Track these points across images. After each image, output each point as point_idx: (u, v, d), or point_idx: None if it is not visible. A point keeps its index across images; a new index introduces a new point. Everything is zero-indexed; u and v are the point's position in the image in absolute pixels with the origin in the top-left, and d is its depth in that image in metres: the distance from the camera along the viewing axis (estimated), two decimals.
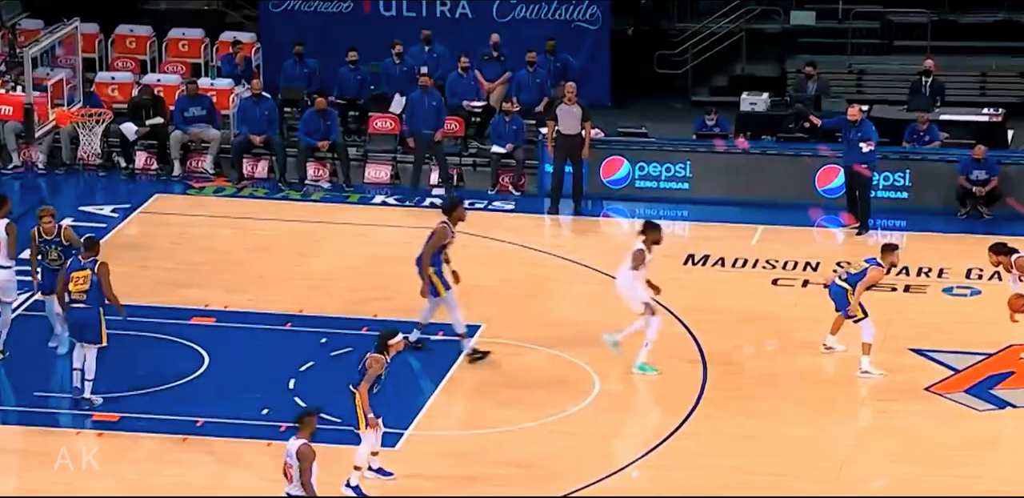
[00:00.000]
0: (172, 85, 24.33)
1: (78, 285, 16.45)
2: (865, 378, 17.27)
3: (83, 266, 16.52)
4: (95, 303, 16.45)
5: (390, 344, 15.14)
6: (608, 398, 17.19)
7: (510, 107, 23.35)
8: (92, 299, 16.42)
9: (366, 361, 15.14)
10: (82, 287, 16.44)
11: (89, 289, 16.41)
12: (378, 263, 20.43)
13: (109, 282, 16.55)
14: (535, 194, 22.93)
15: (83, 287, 16.44)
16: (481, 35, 24.72)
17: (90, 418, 16.48)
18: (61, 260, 16.82)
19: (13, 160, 23.30)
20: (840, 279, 17.40)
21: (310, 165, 23.25)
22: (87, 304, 16.42)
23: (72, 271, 16.54)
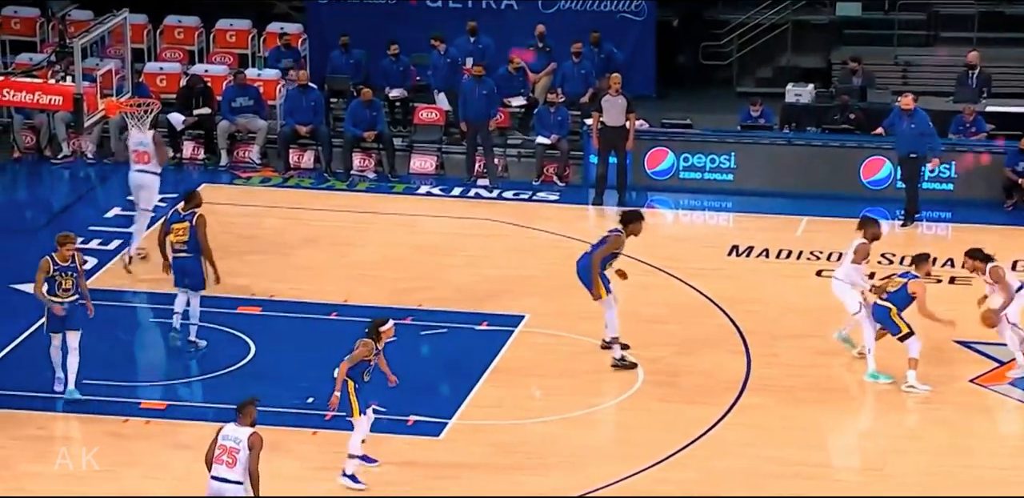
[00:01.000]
0: (220, 75, 24.42)
1: (178, 236, 17.54)
2: (911, 392, 17.09)
3: (183, 218, 17.54)
4: (195, 252, 17.45)
5: (381, 331, 15.23)
6: (651, 388, 17.18)
7: (555, 98, 23.34)
8: (192, 248, 17.45)
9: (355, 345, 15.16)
10: (182, 238, 17.52)
11: (188, 239, 17.46)
12: (423, 253, 20.46)
13: (205, 234, 17.48)
14: (579, 185, 22.93)
15: (183, 238, 17.52)
16: (526, 26, 24.71)
17: (138, 406, 16.58)
18: (73, 290, 16.31)
19: (63, 150, 23.46)
20: (881, 299, 17.19)
21: (356, 155, 23.32)
22: (188, 253, 17.48)
23: (172, 223, 17.59)
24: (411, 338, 18.11)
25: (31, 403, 16.50)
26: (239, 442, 13.59)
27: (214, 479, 13.66)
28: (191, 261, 17.52)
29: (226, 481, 13.61)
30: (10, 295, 18.99)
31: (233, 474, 13.59)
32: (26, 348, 17.75)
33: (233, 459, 13.57)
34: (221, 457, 13.60)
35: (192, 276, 17.53)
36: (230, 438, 13.64)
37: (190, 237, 17.46)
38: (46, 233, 20.91)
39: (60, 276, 16.30)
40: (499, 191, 22.67)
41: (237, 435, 13.63)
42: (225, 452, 13.58)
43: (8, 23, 25.58)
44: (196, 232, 17.45)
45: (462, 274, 19.83)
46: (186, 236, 17.48)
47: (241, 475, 13.61)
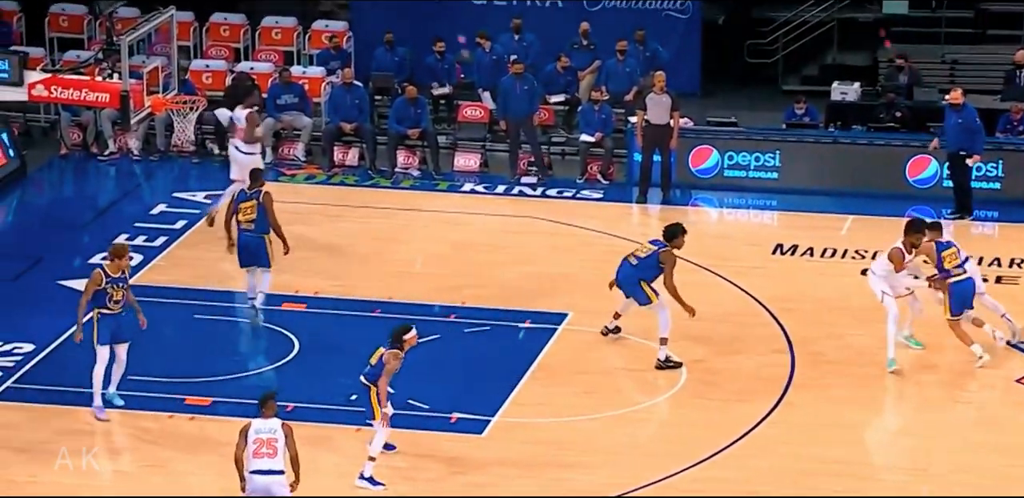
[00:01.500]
0: (265, 73, 24.54)
1: (246, 214, 18.13)
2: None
3: (249, 197, 18.13)
4: (262, 230, 18.03)
5: (405, 339, 15.33)
6: (694, 386, 17.20)
7: (599, 96, 23.36)
8: (259, 227, 18.04)
9: (383, 357, 15.23)
10: (250, 216, 18.11)
11: (256, 218, 18.03)
12: (467, 250, 20.53)
13: (273, 211, 18.05)
14: (623, 183, 22.94)
15: (251, 216, 18.11)
16: (571, 23, 24.73)
17: (182, 402, 16.70)
18: (122, 301, 16.30)
19: (109, 147, 23.61)
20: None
21: (400, 153, 23.39)
22: (255, 232, 18.05)
23: (240, 202, 18.18)
24: (454, 335, 18.19)
25: (77, 398, 16.64)
26: (275, 432, 13.82)
27: (257, 473, 13.79)
28: (258, 239, 18.09)
29: (271, 473, 13.77)
30: (57, 291, 19.15)
31: (276, 464, 13.82)
32: (71, 344, 17.88)
33: (273, 449, 13.77)
34: (260, 451, 13.76)
35: (260, 256, 18.11)
36: (264, 431, 13.86)
37: (258, 215, 18.07)
38: (92, 229, 21.12)
39: (111, 288, 16.19)
40: (543, 189, 22.72)
41: (270, 426, 13.87)
42: (263, 445, 13.77)
43: (56, 21, 25.77)
44: (264, 209, 18.03)
45: (505, 272, 19.88)
46: (254, 214, 18.09)
47: (284, 463, 13.78)
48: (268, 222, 18.14)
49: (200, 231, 20.99)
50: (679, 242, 17.66)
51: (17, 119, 23.97)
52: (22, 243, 20.72)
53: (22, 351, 17.67)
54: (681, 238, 17.66)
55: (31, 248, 20.36)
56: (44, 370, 17.28)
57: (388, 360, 15.21)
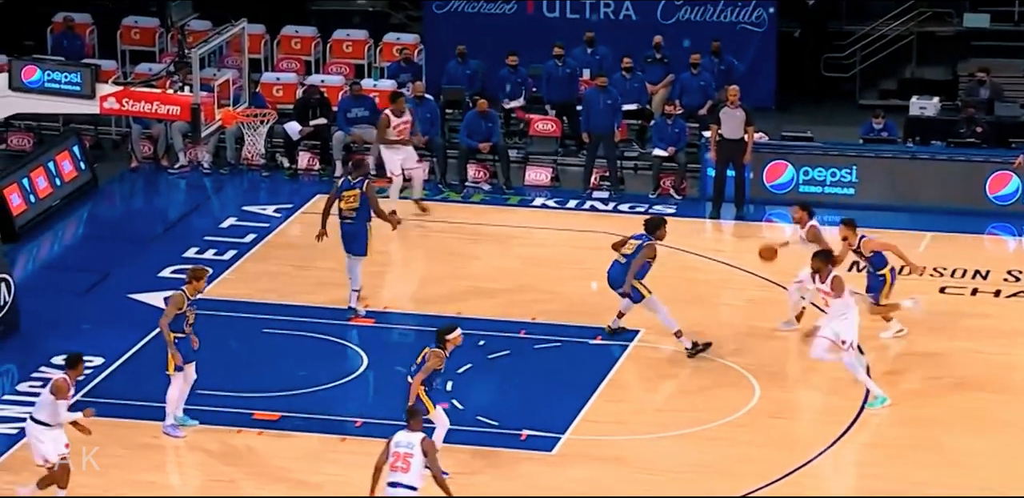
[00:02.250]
0: (336, 86, 24.68)
1: (348, 203, 18.49)
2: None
3: (352, 186, 18.43)
4: (362, 219, 18.45)
5: (448, 339, 15.56)
6: (768, 405, 17.13)
7: (672, 110, 23.35)
8: (360, 215, 18.45)
9: (425, 355, 15.48)
10: (352, 205, 18.49)
11: (358, 206, 18.42)
12: (537, 265, 20.54)
13: (376, 199, 18.51)
14: (696, 198, 22.90)
15: (353, 205, 18.48)
16: (645, 37, 24.73)
17: (250, 416, 16.80)
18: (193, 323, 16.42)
19: (179, 160, 23.81)
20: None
21: (470, 167, 23.46)
22: (355, 220, 18.49)
23: (343, 190, 18.45)
24: (524, 352, 18.21)
25: (145, 412, 16.77)
26: (412, 447, 13.91)
27: (390, 486, 13.89)
28: (358, 227, 18.56)
29: (401, 486, 13.87)
30: (126, 305, 19.33)
31: (407, 479, 13.87)
32: (140, 357, 18.06)
33: (407, 464, 13.86)
34: (395, 464, 13.88)
35: (357, 242, 18.56)
36: (403, 444, 13.95)
37: (360, 204, 18.46)
38: (162, 243, 21.29)
39: (189, 311, 16.26)
40: (615, 204, 22.72)
41: (410, 440, 13.96)
42: (399, 458, 13.88)
43: (128, 33, 26.05)
44: (367, 198, 18.43)
45: (576, 287, 19.88)
46: (356, 203, 18.48)
47: (416, 480, 13.87)
48: (370, 211, 18.53)
49: (270, 245, 21.13)
50: (661, 233, 18.06)
51: (88, 132, 24.23)
52: (92, 256, 20.93)
53: (92, 364, 17.82)
54: (663, 229, 18.06)
55: (101, 261, 20.56)
56: (113, 384, 17.42)
57: (429, 357, 15.46)
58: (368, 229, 18.64)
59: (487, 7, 25.29)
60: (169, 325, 16.17)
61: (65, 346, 18.05)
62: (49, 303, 19.27)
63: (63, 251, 21.59)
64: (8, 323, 18.37)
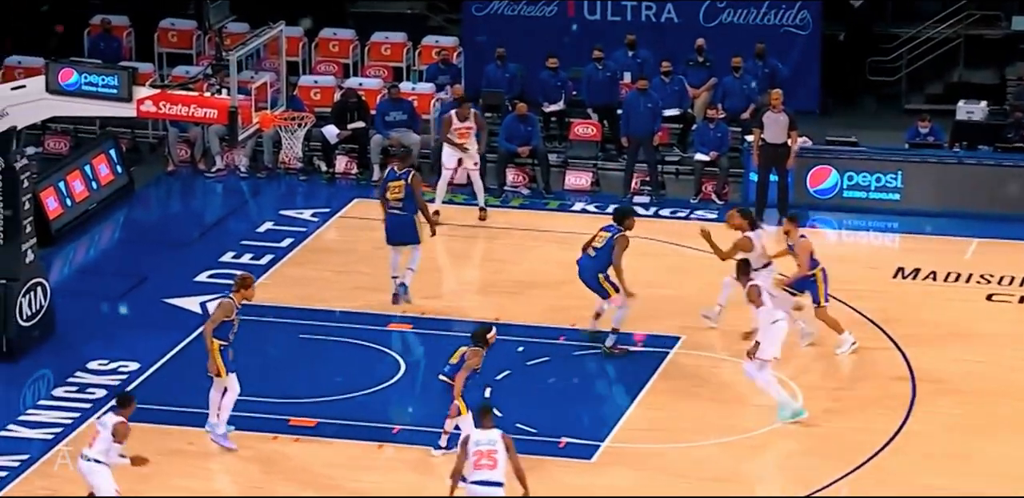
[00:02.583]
0: (374, 89, 24.74)
1: (394, 194, 18.91)
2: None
3: (399, 176, 18.83)
4: (411, 209, 18.88)
5: (487, 338, 15.95)
6: (811, 414, 17.08)
7: (715, 114, 23.33)
8: (408, 206, 18.85)
9: (464, 354, 15.80)
10: (398, 195, 18.89)
11: (404, 197, 18.83)
12: (576, 271, 20.51)
13: (419, 192, 18.90)
14: (738, 203, 22.84)
15: (399, 195, 18.88)
16: (687, 39, 24.70)
17: (287, 423, 16.85)
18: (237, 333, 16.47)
19: (216, 163, 23.88)
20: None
21: (509, 171, 23.47)
22: (403, 210, 18.87)
23: (388, 181, 18.92)
24: (564, 358, 18.22)
25: (181, 418, 16.86)
26: (494, 443, 14.06)
27: (477, 484, 14.01)
28: (407, 217, 18.96)
29: (491, 484, 13.99)
30: (162, 309, 19.42)
31: (496, 475, 14.03)
32: (177, 363, 18.15)
33: (493, 461, 14.02)
34: (480, 462, 14.01)
35: (408, 232, 19.02)
36: (483, 442, 14.11)
37: (406, 194, 18.86)
38: (198, 247, 21.38)
39: (236, 319, 16.30)
40: (656, 209, 22.71)
41: (489, 438, 14.12)
42: (483, 456, 14.02)
43: (165, 36, 26.15)
44: (412, 190, 18.80)
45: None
46: (402, 193, 18.89)
47: (503, 476, 14.01)
48: (415, 202, 18.93)
49: (307, 249, 21.20)
50: (630, 223, 18.18)
51: (125, 135, 24.33)
52: (128, 261, 21.03)
53: (127, 369, 17.94)
54: (632, 219, 18.19)
55: (137, 266, 20.66)
56: (149, 389, 17.50)
57: (470, 356, 15.76)
58: (416, 219, 19.03)
59: (527, 9, 25.30)
60: (214, 332, 16.15)
61: (101, 351, 18.20)
62: (85, 307, 19.38)
63: (99, 255, 21.70)
64: (44, 327, 18.49)
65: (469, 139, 22.00)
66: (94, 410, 17.07)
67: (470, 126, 22.06)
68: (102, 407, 17.09)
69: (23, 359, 18.11)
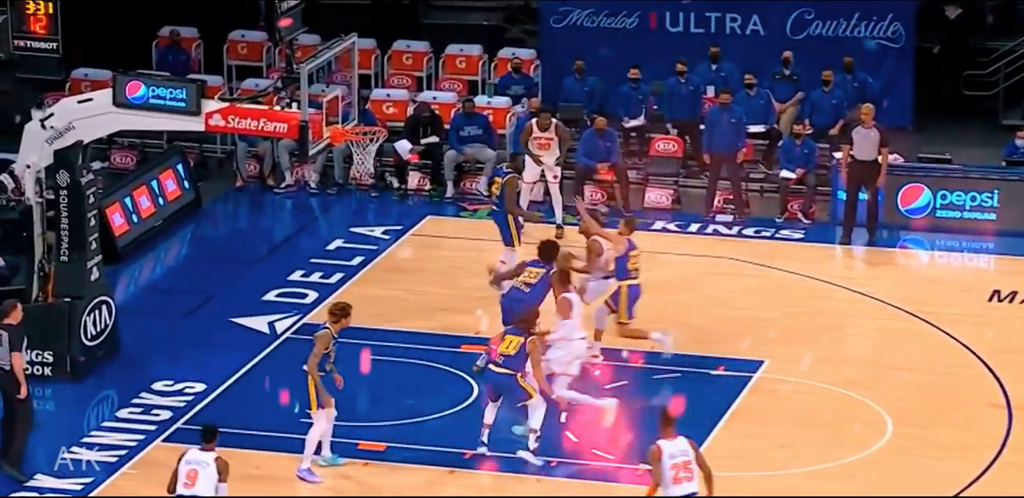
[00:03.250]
0: (448, 103, 24.86)
1: (492, 191, 19.76)
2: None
3: (496, 173, 19.34)
4: (502, 210, 19.55)
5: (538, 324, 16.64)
6: (902, 442, 17.00)
7: (801, 129, 23.28)
8: (499, 205, 19.56)
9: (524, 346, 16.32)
10: (495, 193, 19.64)
11: (500, 194, 19.55)
12: (657, 292, 20.48)
13: (512, 194, 19.58)
14: (826, 223, 22.80)
15: (496, 193, 19.62)
16: (773, 52, 24.67)
17: (355, 447, 16.93)
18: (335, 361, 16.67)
19: (286, 179, 24.05)
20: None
21: (587, 188, 23.49)
22: (498, 208, 19.57)
23: (491, 177, 19.66)
24: (642, 382, 18.22)
25: (247, 441, 16.96)
26: (688, 454, 14.20)
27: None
28: (499, 215, 19.70)
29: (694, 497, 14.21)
30: (230, 329, 19.57)
31: (696, 485, 14.22)
32: (244, 384, 18.28)
33: (690, 471, 14.17)
34: (679, 476, 14.14)
35: (501, 231, 19.67)
36: (677, 454, 14.17)
37: (500, 193, 19.55)
38: (266, 265, 21.54)
39: (332, 350, 16.45)
40: (740, 228, 22.68)
41: (681, 448, 14.24)
42: (681, 468, 14.13)
43: (235, 48, 26.40)
44: (504, 190, 19.44)
45: (698, 315, 19.87)
46: (499, 191, 19.61)
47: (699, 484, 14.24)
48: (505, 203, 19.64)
49: (378, 268, 21.32)
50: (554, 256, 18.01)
51: (193, 150, 24.57)
52: (194, 278, 21.22)
53: (193, 391, 18.09)
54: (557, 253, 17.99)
55: (204, 284, 20.85)
56: (215, 411, 17.64)
57: (532, 350, 16.22)
58: (508, 221, 19.50)
59: (607, 21, 25.33)
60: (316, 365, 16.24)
61: (167, 372, 18.36)
62: (150, 326, 19.57)
63: (165, 273, 21.91)
64: (109, 347, 18.69)
65: (548, 151, 22.01)
66: (159, 432, 17.23)
67: (550, 137, 22.10)
68: (167, 429, 17.26)
69: (87, 379, 18.31)
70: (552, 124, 22.21)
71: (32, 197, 18.20)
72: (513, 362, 16.30)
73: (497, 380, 16.42)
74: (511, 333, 16.58)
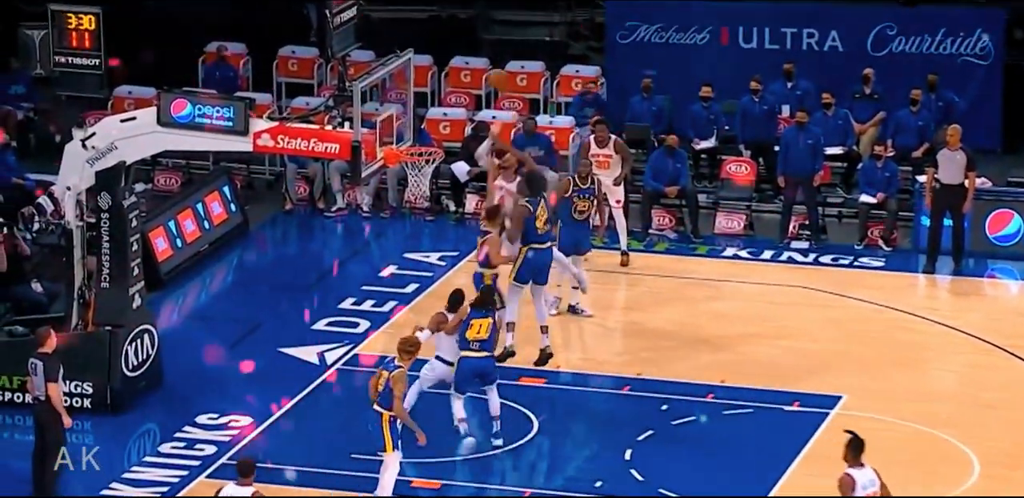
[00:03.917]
0: (508, 122, 24.94)
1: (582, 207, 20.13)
2: None
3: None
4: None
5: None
6: (989, 483, 16.92)
7: (883, 151, 23.26)
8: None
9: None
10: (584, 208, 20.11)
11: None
12: (728, 323, 20.54)
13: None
14: (908, 250, 22.75)
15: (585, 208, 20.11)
16: (852, 70, 24.66)
17: (408, 485, 16.99)
18: None
19: (337, 202, 24.19)
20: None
21: (654, 212, 23.54)
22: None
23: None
24: (713, 418, 18.22)
25: (296, 478, 17.02)
26: (875, 483, 14.10)
27: None
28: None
29: None
30: (277, 359, 19.66)
31: None
32: (293, 418, 18.35)
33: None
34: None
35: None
36: (867, 485, 14.07)
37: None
38: (316, 292, 21.64)
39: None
40: (816, 255, 22.66)
41: (870, 477, 14.12)
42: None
43: (285, 64, 26.60)
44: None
45: (771, 347, 19.85)
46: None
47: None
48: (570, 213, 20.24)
49: (433, 295, 21.40)
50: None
51: (240, 171, 24.76)
52: (241, 306, 21.33)
53: (239, 424, 18.18)
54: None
55: (251, 311, 20.97)
56: (261, 446, 17.72)
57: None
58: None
59: (676, 37, 25.38)
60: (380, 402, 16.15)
61: (211, 404, 18.47)
62: (195, 357, 19.72)
63: (210, 300, 22.05)
64: (151, 378, 18.81)
65: (607, 171, 21.94)
66: (202, 468, 17.34)
67: (609, 154, 22.02)
68: (212, 465, 17.36)
69: (128, 412, 18.43)
70: (611, 140, 22.12)
71: (72, 220, 18.38)
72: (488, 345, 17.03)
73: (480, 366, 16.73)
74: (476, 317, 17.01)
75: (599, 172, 21.66)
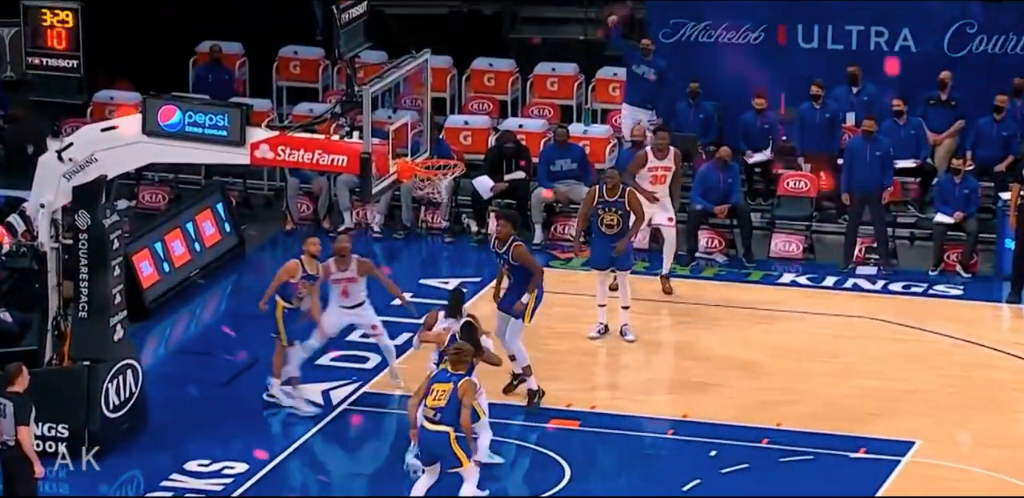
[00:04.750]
0: (537, 132, 25.01)
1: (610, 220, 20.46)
2: None
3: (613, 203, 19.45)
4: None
5: None
6: None
7: (961, 165, 23.27)
8: (624, 227, 20.09)
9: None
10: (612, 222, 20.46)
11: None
12: (785, 358, 20.54)
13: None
14: (990, 276, 22.76)
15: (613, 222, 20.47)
16: (927, 73, 24.68)
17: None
18: None
19: (345, 221, 24.27)
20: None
21: (702, 233, 23.56)
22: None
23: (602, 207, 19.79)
24: (768, 465, 18.23)
25: None
26: None
27: None
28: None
29: None
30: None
31: None
32: (292, 464, 18.39)
33: None
34: None
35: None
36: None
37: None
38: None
39: None
40: (885, 283, 22.67)
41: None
42: None
43: (286, 66, 26.67)
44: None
45: (834, 386, 19.85)
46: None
47: None
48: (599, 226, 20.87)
49: None
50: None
51: (236, 187, 24.86)
52: (236, 339, 21.37)
53: (233, 472, 18.22)
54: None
55: (246, 346, 20.99)
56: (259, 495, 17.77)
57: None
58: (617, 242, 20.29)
59: (727, 36, 25.40)
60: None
61: (202, 449, 18.52)
62: (183, 395, 19.76)
63: (201, 332, 22.09)
64: (134, 419, 18.83)
65: (664, 186, 21.98)
66: None
67: (668, 166, 22.03)
68: None
69: (109, 457, 18.44)
70: (672, 151, 22.15)
71: (46, 242, 18.46)
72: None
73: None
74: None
75: (655, 187, 21.75)
